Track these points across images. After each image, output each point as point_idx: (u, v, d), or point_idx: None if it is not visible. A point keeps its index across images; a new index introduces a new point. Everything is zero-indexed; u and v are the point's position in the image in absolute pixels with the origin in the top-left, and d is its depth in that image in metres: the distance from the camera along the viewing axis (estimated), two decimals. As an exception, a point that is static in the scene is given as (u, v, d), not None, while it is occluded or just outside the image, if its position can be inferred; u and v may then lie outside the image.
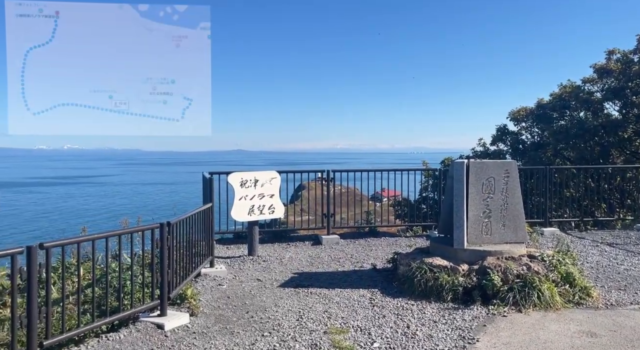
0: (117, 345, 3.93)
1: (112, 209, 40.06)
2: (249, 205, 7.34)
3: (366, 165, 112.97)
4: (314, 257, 7.33)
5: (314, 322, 4.57)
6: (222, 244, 8.21)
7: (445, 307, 4.96)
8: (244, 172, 7.50)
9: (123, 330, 4.22)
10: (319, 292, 5.51)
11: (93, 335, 4.05)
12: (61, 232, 23.92)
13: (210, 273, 6.28)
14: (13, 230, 24.81)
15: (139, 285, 4.59)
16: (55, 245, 3.73)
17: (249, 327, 4.45)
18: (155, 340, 4.07)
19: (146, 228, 4.67)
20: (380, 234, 9.06)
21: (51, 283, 3.72)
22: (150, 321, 4.42)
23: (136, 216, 8.02)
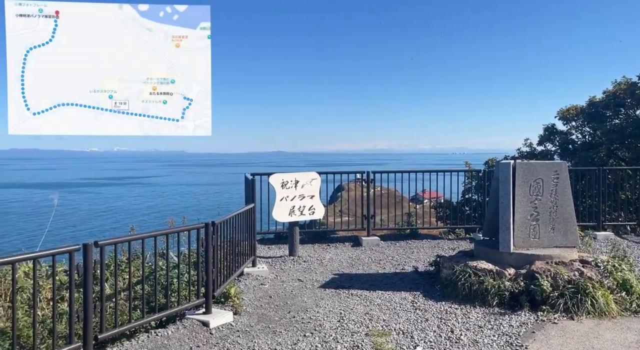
0: (165, 341, 4.07)
1: (158, 209, 41.56)
2: (289, 206, 7.42)
3: (406, 166, 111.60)
4: (354, 259, 7.31)
5: (355, 324, 4.56)
6: (264, 244, 8.34)
7: (491, 312, 4.82)
8: (284, 173, 7.59)
9: (170, 326, 4.37)
10: (360, 294, 5.49)
11: (143, 331, 4.21)
12: (112, 231, 25.04)
13: (252, 272, 6.40)
14: (70, 228, 26.26)
15: (185, 283, 4.73)
16: (108, 243, 3.92)
17: (290, 327, 4.49)
18: (201, 338, 4.19)
19: (192, 228, 4.81)
20: (421, 236, 8.92)
21: (105, 279, 3.90)
22: (196, 318, 4.55)
23: (181, 216, 8.28)
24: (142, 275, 4.31)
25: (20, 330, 3.50)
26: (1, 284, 4.58)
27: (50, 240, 6.90)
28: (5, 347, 3.35)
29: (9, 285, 4.41)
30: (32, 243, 12.97)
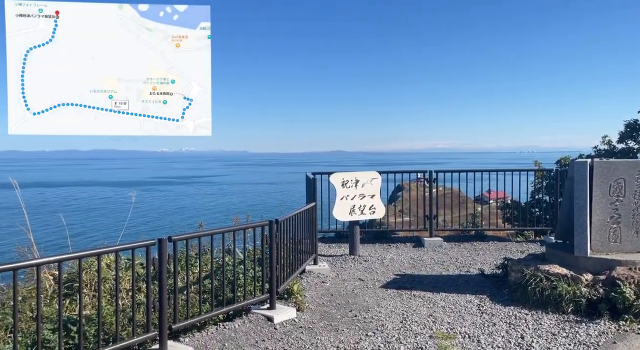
0: (233, 334, 4.23)
1: (222, 207, 43.22)
2: (350, 205, 7.43)
3: (469, 165, 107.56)
4: (416, 259, 7.18)
5: (419, 325, 4.48)
6: (324, 242, 8.41)
7: (565, 319, 4.54)
8: (345, 173, 7.62)
9: (237, 320, 4.53)
10: (423, 295, 5.38)
11: (212, 323, 4.41)
12: (181, 227, 26.38)
13: (314, 270, 6.48)
14: (144, 224, 28.03)
15: (250, 279, 4.89)
16: (180, 238, 4.14)
17: (352, 326, 4.50)
18: (266, 332, 4.31)
19: (257, 225, 4.97)
20: (487, 237, 8.58)
21: (178, 272, 4.13)
22: (260, 313, 4.69)
23: (244, 214, 8.57)
24: (211, 270, 4.51)
25: (104, 318, 3.78)
26: (86, 274, 4.98)
27: (127, 234, 7.41)
28: (92, 333, 3.64)
29: (93, 276, 4.79)
30: (111, 237, 13.99)
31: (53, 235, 8.09)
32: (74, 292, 4.67)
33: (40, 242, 5.67)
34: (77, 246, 7.21)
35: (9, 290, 4.45)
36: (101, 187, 67.54)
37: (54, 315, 3.91)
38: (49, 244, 6.23)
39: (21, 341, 3.44)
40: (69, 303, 4.53)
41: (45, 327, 3.60)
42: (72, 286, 4.83)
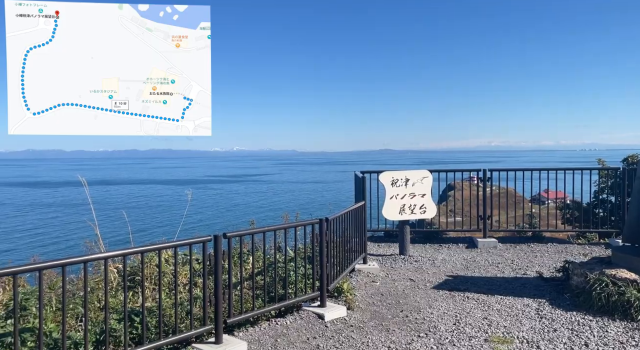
0: (285, 330, 4.31)
1: (271, 204, 44.01)
2: (399, 205, 7.34)
3: (524, 164, 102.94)
4: (469, 261, 6.98)
5: (473, 328, 4.36)
6: (374, 241, 8.36)
7: (635, 327, 4.25)
8: (394, 171, 7.53)
9: (289, 316, 4.61)
10: (477, 298, 5.22)
11: (264, 319, 4.51)
12: (234, 225, 27.14)
13: (363, 269, 6.46)
14: (198, 222, 29.12)
15: (300, 276, 4.96)
16: (235, 235, 4.26)
17: (404, 326, 4.45)
18: (317, 329, 4.35)
19: (307, 223, 5.02)
20: (545, 239, 8.19)
21: (233, 268, 4.25)
22: (311, 311, 4.74)
23: (292, 211, 8.67)
24: (264, 267, 4.61)
25: (164, 310, 3.96)
26: (147, 268, 5.24)
27: (183, 230, 7.73)
28: (153, 324, 3.83)
29: (153, 270, 5.03)
30: (168, 233, 14.63)
31: (115, 230, 8.59)
32: (135, 284, 4.92)
33: (104, 237, 6.03)
34: (137, 241, 7.61)
35: (79, 281, 4.76)
36: (158, 185, 70.76)
37: (118, 306, 4.14)
38: (112, 239, 6.59)
39: (90, 330, 3.67)
40: (132, 295, 4.79)
41: (111, 317, 3.83)
42: (134, 279, 5.10)
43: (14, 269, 2.98)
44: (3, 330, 3.31)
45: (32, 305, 3.84)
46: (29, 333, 3.36)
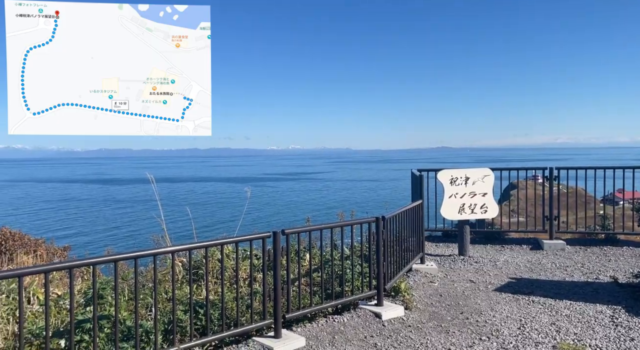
0: (342, 328, 4.33)
1: (326, 203, 44.28)
2: (459, 204, 7.13)
3: (595, 162, 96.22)
4: (533, 263, 6.66)
5: (539, 334, 4.15)
6: (431, 241, 8.19)
7: None
8: (453, 169, 7.32)
9: (345, 314, 4.62)
10: (543, 302, 4.97)
11: (322, 316, 4.55)
12: (289, 222, 27.62)
13: (421, 269, 6.35)
14: (256, 219, 29.94)
15: (357, 274, 4.95)
16: (293, 232, 4.34)
17: (464, 329, 4.32)
18: (374, 328, 4.33)
19: (364, 221, 5.00)
20: (620, 242, 7.64)
21: (290, 265, 4.33)
22: (368, 309, 4.72)
23: (346, 209, 8.68)
24: (321, 263, 4.65)
25: (225, 303, 4.11)
26: (209, 262, 5.46)
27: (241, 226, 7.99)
28: (216, 316, 3.99)
29: (215, 264, 5.23)
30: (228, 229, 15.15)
31: (180, 225, 9.03)
32: (198, 278, 5.14)
33: (169, 232, 6.35)
34: (200, 237, 7.94)
35: (147, 273, 5.04)
36: (218, 183, 73.44)
37: (183, 298, 4.35)
38: (176, 234, 6.92)
39: (159, 319, 3.89)
40: (195, 288, 5.01)
41: (178, 308, 4.03)
42: (197, 273, 5.33)
43: (93, 260, 3.22)
44: (83, 317, 3.58)
45: (108, 294, 4.12)
46: (106, 320, 3.61)
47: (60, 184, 75.80)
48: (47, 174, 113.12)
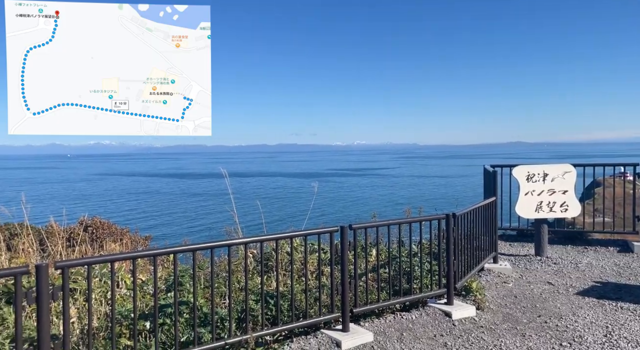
0: (410, 325, 4.27)
1: (392, 199, 43.75)
2: (536, 201, 6.74)
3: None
4: (621, 267, 6.13)
5: (629, 342, 3.83)
6: (505, 240, 7.82)
7: None
8: (531, 165, 6.93)
9: (414, 311, 4.55)
10: (634, 309, 4.57)
11: (389, 312, 4.52)
12: (354, 217, 27.64)
13: (493, 269, 6.09)
14: (323, 213, 30.34)
15: (425, 272, 4.86)
16: (360, 227, 4.34)
17: (542, 333, 4.09)
18: (444, 327, 4.23)
19: (433, 218, 4.88)
20: None
21: (357, 259, 4.34)
22: (437, 307, 4.62)
23: (412, 206, 8.51)
24: (389, 259, 4.62)
25: (294, 295, 4.22)
26: (278, 254, 5.62)
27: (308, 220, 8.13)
28: (285, 307, 4.10)
29: (283, 256, 5.37)
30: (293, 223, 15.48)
31: (249, 218, 9.37)
32: (268, 269, 5.31)
33: (240, 225, 6.62)
34: (269, 229, 8.19)
35: (221, 263, 5.30)
36: (285, 178, 75.23)
37: (255, 288, 4.52)
38: (246, 226, 7.19)
39: (232, 308, 4.08)
40: (265, 279, 5.19)
41: (250, 297, 4.19)
42: (266, 264, 5.51)
43: (174, 249, 3.44)
44: (164, 302, 3.84)
45: (186, 281, 4.38)
46: (184, 306, 3.85)
47: (143, 178, 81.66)
48: (131, 168, 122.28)
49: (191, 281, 4.27)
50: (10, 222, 7.62)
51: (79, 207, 33.75)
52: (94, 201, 43.86)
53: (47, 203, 36.64)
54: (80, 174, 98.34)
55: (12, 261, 5.28)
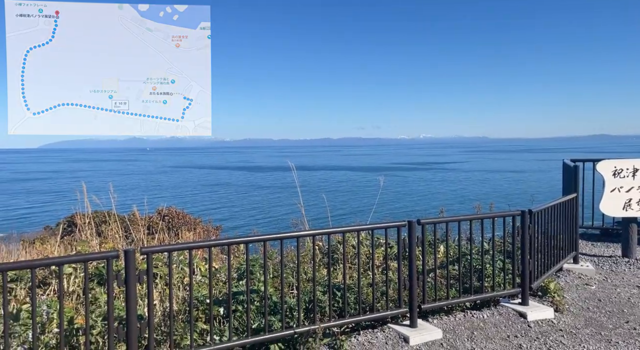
0: (482, 324, 4.13)
1: (460, 194, 42.29)
2: (624, 199, 6.21)
3: None
4: None
5: None
6: (586, 239, 7.29)
7: None
8: (618, 160, 6.39)
9: (485, 310, 4.39)
10: None
11: (459, 310, 4.40)
12: (420, 212, 27.09)
13: (573, 269, 5.70)
14: (386, 208, 30.06)
15: (498, 270, 4.66)
16: (429, 222, 4.26)
17: (631, 340, 3.78)
18: (518, 328, 4.04)
19: (507, 214, 4.67)
20: None
21: (426, 255, 4.26)
22: (511, 307, 4.42)
23: (483, 202, 8.15)
24: (459, 256, 4.48)
25: (361, 288, 4.23)
26: (345, 247, 5.65)
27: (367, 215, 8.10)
28: (352, 300, 4.12)
29: (349, 249, 5.39)
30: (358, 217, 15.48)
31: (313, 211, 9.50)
32: (334, 262, 5.36)
33: (306, 217, 6.73)
34: (333, 223, 8.26)
35: (288, 254, 5.43)
36: (349, 172, 75.39)
37: (321, 280, 4.58)
38: (311, 219, 7.29)
39: (301, 298, 4.17)
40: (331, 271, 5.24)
41: (317, 289, 4.26)
42: (332, 256, 5.56)
43: (246, 239, 3.58)
44: (236, 289, 4.01)
45: (256, 270, 4.54)
46: (255, 294, 4.00)
47: (214, 170, 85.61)
48: (203, 161, 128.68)
49: (261, 270, 4.43)
50: (100, 210, 8.31)
51: (156, 197, 36.06)
52: (170, 192, 46.67)
53: (129, 193, 39.51)
54: (158, 166, 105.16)
55: (102, 246, 5.77)
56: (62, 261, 3.08)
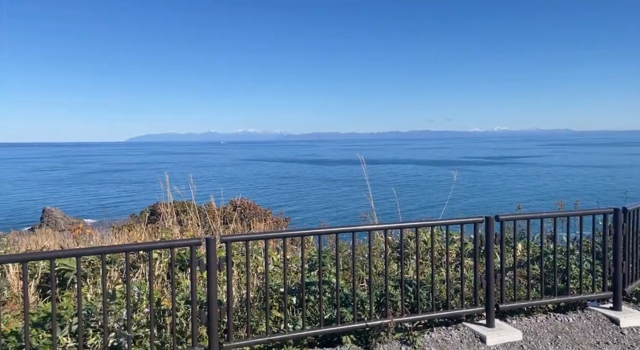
0: (567, 328, 3.86)
1: (539, 190, 39.83)
2: None
3: None
4: None
5: None
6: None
7: None
8: None
9: (570, 313, 4.10)
10: None
11: (541, 311, 4.14)
12: (494, 208, 25.89)
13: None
14: (458, 203, 29.04)
15: (585, 272, 4.33)
16: (508, 218, 4.04)
17: None
18: (610, 335, 3.73)
19: (596, 212, 4.31)
20: None
21: (504, 253, 4.04)
22: (601, 312, 4.09)
23: (566, 199, 7.59)
24: (541, 255, 4.22)
25: (434, 285, 4.11)
26: (418, 242, 5.53)
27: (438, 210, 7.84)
28: (424, 296, 4.03)
29: (420, 245, 5.26)
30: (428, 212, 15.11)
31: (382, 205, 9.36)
32: (405, 257, 5.26)
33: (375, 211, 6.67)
34: (403, 217, 8.11)
35: (357, 247, 5.40)
36: (418, 166, 73.76)
37: (392, 274, 4.52)
38: (380, 213, 7.21)
39: (372, 291, 4.15)
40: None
41: (389, 283, 4.22)
42: (402, 251, 5.47)
43: (319, 231, 3.63)
44: (308, 280, 4.07)
45: (327, 262, 4.58)
46: (326, 285, 4.04)
47: (283, 163, 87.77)
48: (273, 154, 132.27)
49: (332, 262, 4.46)
50: (178, 200, 8.83)
51: (229, 189, 37.68)
52: (242, 184, 48.58)
53: (205, 184, 41.70)
54: (231, 159, 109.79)
55: (182, 234, 6.13)
56: (151, 246, 3.30)
